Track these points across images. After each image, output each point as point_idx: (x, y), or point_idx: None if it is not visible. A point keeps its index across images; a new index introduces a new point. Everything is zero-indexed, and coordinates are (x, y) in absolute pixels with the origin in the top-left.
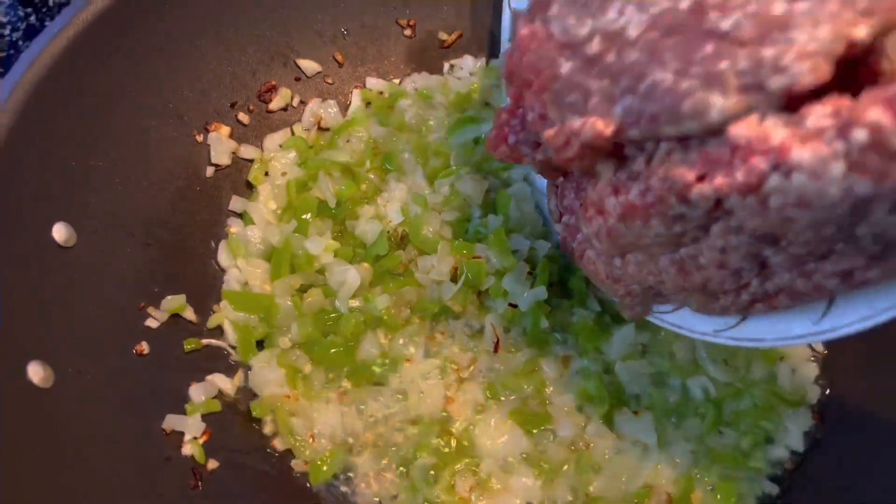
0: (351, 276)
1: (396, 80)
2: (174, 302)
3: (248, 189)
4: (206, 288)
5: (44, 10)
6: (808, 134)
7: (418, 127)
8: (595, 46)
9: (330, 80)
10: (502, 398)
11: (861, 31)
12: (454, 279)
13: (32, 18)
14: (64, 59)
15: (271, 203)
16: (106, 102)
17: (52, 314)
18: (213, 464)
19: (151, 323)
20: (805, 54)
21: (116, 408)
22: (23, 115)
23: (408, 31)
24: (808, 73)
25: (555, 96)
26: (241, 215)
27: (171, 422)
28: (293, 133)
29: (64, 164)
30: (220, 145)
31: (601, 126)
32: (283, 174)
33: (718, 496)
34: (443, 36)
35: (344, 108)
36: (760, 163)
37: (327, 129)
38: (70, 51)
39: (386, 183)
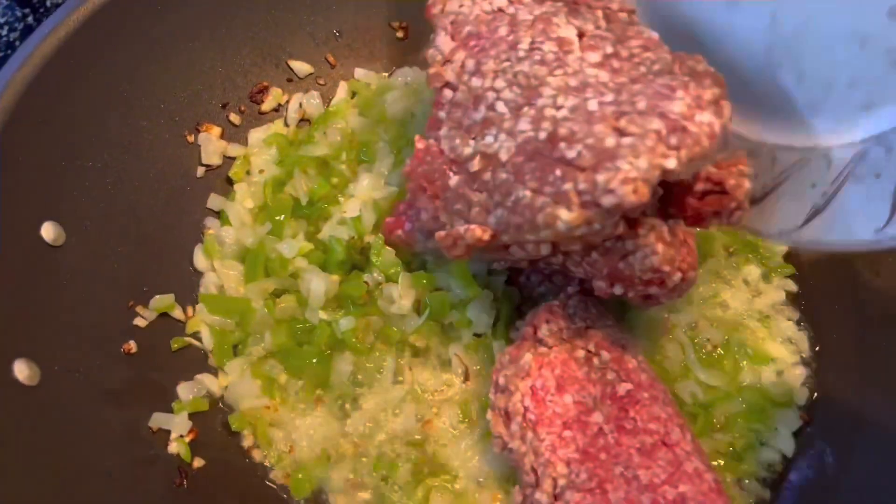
0: (314, 285)
1: (386, 74)
2: (163, 301)
3: (230, 186)
4: (193, 288)
5: (41, 10)
6: None
7: (402, 120)
8: (476, 164)
9: (322, 82)
10: (478, 421)
11: (671, 163)
12: (417, 312)
13: (30, 19)
14: (56, 59)
15: (248, 202)
16: (98, 103)
17: (39, 312)
18: (199, 462)
19: (140, 322)
20: (628, 179)
21: (103, 406)
22: (13, 114)
23: (400, 33)
24: (630, 194)
25: (445, 204)
26: (219, 213)
27: (158, 420)
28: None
29: (55, 163)
30: (211, 145)
31: (479, 233)
32: (261, 171)
33: None
34: None
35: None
36: None
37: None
38: (62, 50)
39: (357, 176)
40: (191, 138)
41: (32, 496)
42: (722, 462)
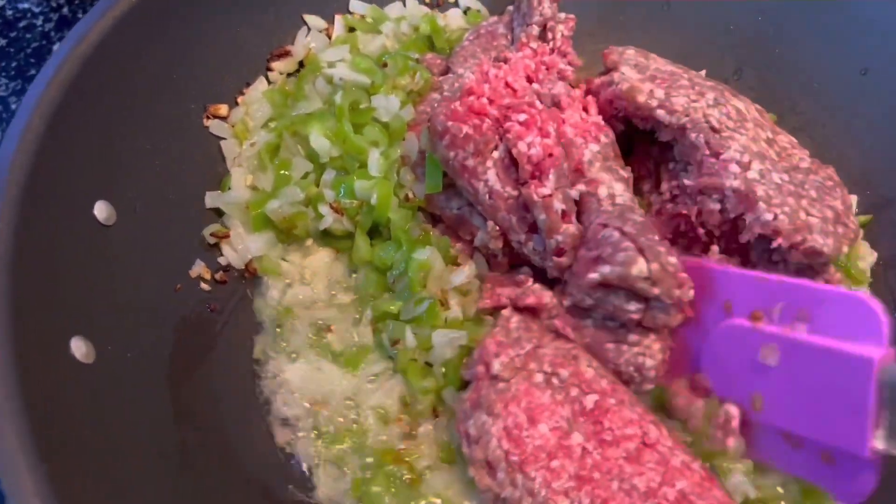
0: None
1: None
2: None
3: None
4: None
5: (76, 1)
6: None
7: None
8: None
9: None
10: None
11: (845, 248)
12: None
13: (65, 10)
14: (111, 38)
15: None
16: (151, 85)
17: (93, 291)
18: None
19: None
20: (827, 234)
21: (154, 385)
22: (69, 92)
23: None
24: (831, 249)
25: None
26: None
27: None
28: (268, 81)
29: (108, 143)
30: None
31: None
32: (252, 145)
33: None
34: None
35: None
36: None
37: None
38: (118, 30)
39: None
40: None
41: (85, 475)
42: None
